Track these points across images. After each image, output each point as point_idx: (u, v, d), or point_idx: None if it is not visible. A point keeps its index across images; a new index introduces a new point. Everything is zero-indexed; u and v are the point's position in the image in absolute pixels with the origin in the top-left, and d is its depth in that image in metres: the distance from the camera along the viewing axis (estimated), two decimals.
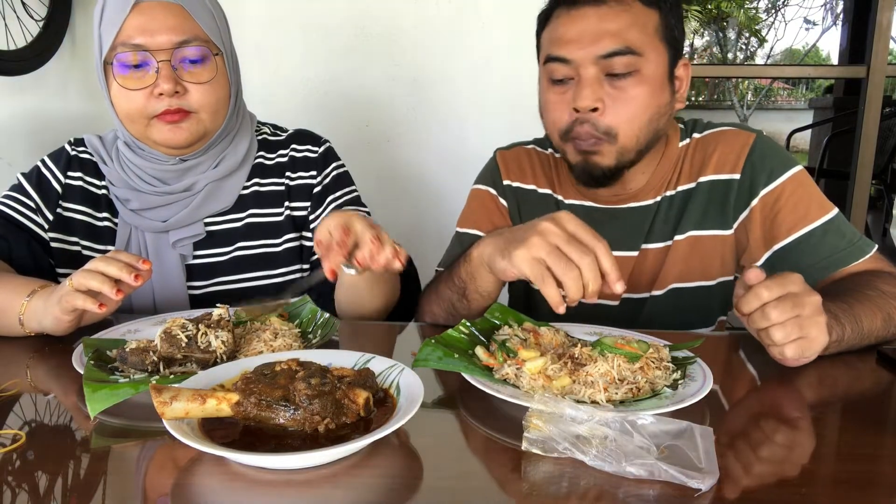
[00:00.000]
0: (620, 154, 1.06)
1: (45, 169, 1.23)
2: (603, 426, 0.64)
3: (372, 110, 2.17)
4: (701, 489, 0.57)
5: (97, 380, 0.77)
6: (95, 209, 1.22)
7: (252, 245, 1.23)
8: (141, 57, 1.07)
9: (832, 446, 0.71)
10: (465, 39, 2.09)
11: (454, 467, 0.65)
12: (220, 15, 1.18)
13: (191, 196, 1.19)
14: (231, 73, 1.18)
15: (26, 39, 2.02)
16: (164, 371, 0.83)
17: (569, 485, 0.59)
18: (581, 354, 0.80)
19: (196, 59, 1.10)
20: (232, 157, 1.22)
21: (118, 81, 1.10)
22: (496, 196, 1.27)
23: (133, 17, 1.07)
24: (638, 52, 1.01)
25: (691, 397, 0.72)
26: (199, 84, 1.11)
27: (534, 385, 0.77)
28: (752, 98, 18.96)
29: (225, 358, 0.85)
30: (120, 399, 0.73)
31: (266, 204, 1.25)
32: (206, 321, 0.87)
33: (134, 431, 0.72)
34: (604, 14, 1.01)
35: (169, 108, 1.09)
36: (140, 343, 0.86)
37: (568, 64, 1.04)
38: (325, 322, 1.01)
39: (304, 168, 1.27)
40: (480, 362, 0.84)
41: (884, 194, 4.78)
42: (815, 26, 20.33)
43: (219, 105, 1.15)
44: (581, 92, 1.03)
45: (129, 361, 0.84)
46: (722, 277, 1.17)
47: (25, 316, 0.98)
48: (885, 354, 0.92)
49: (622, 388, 0.75)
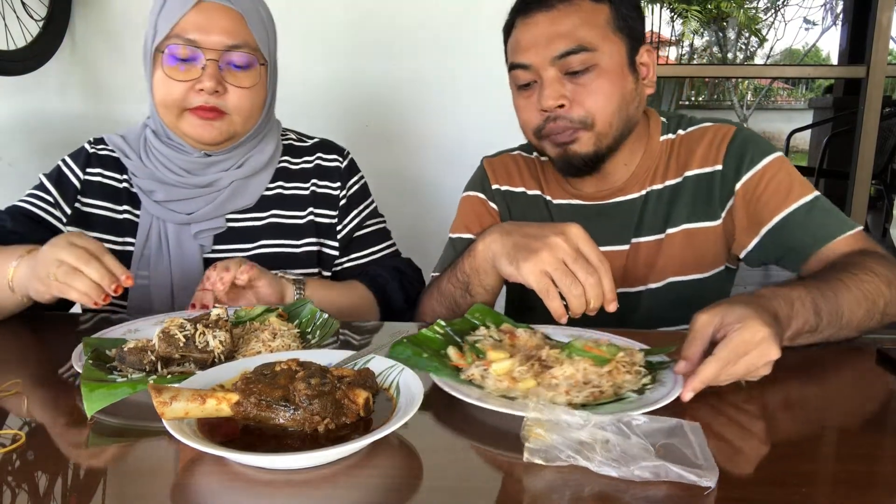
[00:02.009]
0: (598, 140, 1.10)
1: (64, 167, 1.26)
2: (600, 429, 0.63)
3: (372, 110, 2.17)
4: (710, 486, 0.57)
5: (95, 379, 0.76)
6: (115, 203, 1.24)
7: (273, 244, 1.27)
8: (191, 52, 1.12)
9: (832, 446, 0.71)
10: (465, 39, 2.09)
11: (454, 467, 0.65)
12: (272, 29, 1.23)
13: (216, 192, 1.22)
14: (270, 83, 1.22)
15: (26, 39, 2.02)
16: (162, 371, 0.83)
17: (571, 492, 0.59)
18: (549, 357, 0.80)
19: (242, 65, 1.15)
20: (257, 158, 1.25)
21: (164, 70, 1.13)
22: (486, 200, 1.30)
23: (192, 14, 1.11)
24: (591, 48, 1.05)
25: (654, 403, 0.71)
26: (239, 88, 1.15)
27: (499, 387, 0.77)
28: (751, 98, 18.97)
29: (223, 358, 0.85)
30: (117, 399, 0.73)
31: (289, 206, 1.29)
32: (205, 321, 0.87)
33: (133, 431, 0.72)
34: (554, 17, 1.07)
35: (205, 104, 1.13)
36: (139, 343, 0.86)
37: (528, 69, 1.09)
38: (325, 322, 1.01)
39: (329, 178, 1.32)
40: (451, 362, 0.85)
41: (884, 194, 4.79)
42: (815, 26, 20.36)
43: (253, 111, 1.19)
44: (544, 93, 1.08)
45: (128, 361, 0.84)
46: (714, 269, 1.18)
47: (14, 282, 0.99)
48: (885, 354, 0.92)
49: (584, 392, 0.74)
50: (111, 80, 2.19)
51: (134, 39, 2.17)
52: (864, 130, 2.40)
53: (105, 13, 2.15)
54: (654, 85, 1.15)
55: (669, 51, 20.20)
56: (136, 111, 2.18)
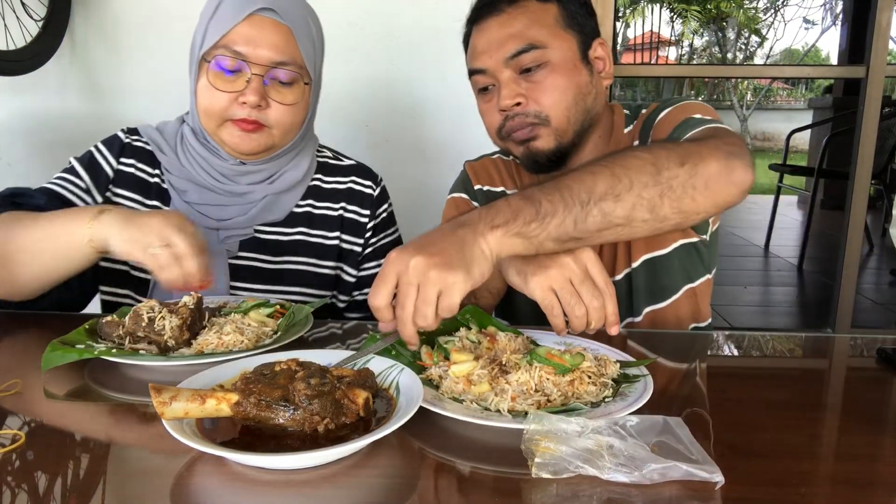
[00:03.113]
0: (558, 135, 1.13)
1: (97, 154, 1.24)
2: (599, 435, 0.63)
3: (371, 110, 2.17)
4: (721, 481, 0.57)
5: (67, 343, 0.88)
6: (145, 196, 1.23)
7: (298, 261, 1.27)
8: (238, 64, 1.11)
9: (832, 446, 0.71)
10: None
11: (454, 467, 0.65)
12: (320, 45, 1.23)
13: (248, 204, 1.23)
14: (312, 100, 1.23)
15: (26, 39, 2.02)
16: (127, 346, 0.90)
17: (572, 494, 0.59)
18: (508, 362, 0.80)
19: (286, 81, 1.14)
20: (291, 174, 1.25)
21: (209, 78, 1.12)
22: (469, 200, 1.35)
23: (243, 26, 1.11)
24: (541, 45, 1.09)
25: (602, 417, 0.68)
26: (281, 104, 1.15)
27: (454, 388, 0.77)
28: (751, 98, 18.98)
29: (174, 343, 0.90)
30: (66, 361, 0.84)
31: (317, 226, 1.29)
32: (171, 306, 0.93)
33: (133, 431, 0.72)
34: (503, 21, 1.11)
35: (247, 117, 1.13)
36: (114, 318, 0.96)
37: (485, 73, 1.13)
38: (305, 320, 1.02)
39: (359, 203, 1.32)
40: (418, 361, 0.85)
41: (883, 194, 4.79)
42: (815, 26, 20.36)
43: (292, 127, 1.19)
44: (501, 93, 1.11)
45: (103, 332, 0.93)
46: (682, 240, 1.18)
47: (95, 235, 0.97)
48: (885, 354, 0.92)
49: (529, 400, 0.73)
50: (111, 80, 2.19)
51: (133, 40, 2.19)
52: (863, 130, 2.40)
53: (105, 13, 2.15)
54: (611, 76, 1.18)
55: (669, 51, 20.21)
56: (135, 111, 2.20)
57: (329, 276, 1.29)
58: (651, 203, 0.81)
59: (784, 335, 1.15)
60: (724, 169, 0.83)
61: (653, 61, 18.35)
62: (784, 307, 4.12)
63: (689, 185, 0.82)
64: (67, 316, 1.15)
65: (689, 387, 0.87)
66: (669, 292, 1.19)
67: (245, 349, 0.90)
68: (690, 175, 0.82)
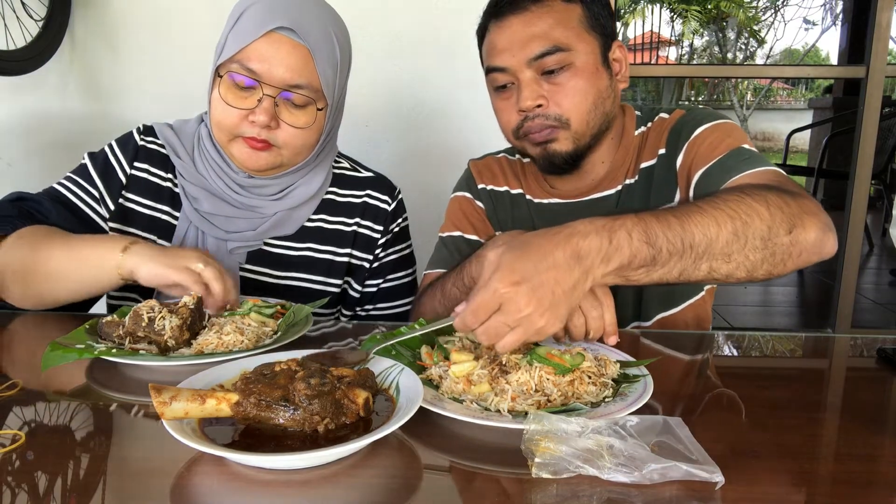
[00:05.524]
0: (576, 138, 1.12)
1: (112, 157, 1.22)
2: (597, 434, 0.63)
3: (372, 110, 2.17)
4: (721, 481, 0.57)
5: (68, 343, 0.88)
6: (156, 201, 1.22)
7: (303, 278, 1.25)
8: (251, 82, 1.09)
9: (832, 446, 0.71)
10: (464, 39, 2.08)
11: (454, 467, 0.65)
12: (345, 67, 1.19)
13: (259, 218, 1.21)
14: (328, 123, 1.18)
15: (26, 39, 2.02)
16: (127, 346, 0.90)
17: (572, 494, 0.59)
18: (508, 362, 0.80)
19: (299, 104, 1.12)
20: (303, 189, 1.23)
21: (221, 92, 1.11)
22: (472, 199, 1.33)
23: (260, 43, 1.07)
24: (566, 47, 1.07)
25: (602, 417, 0.68)
26: (292, 126, 1.12)
27: (454, 388, 0.77)
28: (751, 98, 18.97)
29: (174, 343, 0.90)
30: (66, 361, 0.84)
31: (328, 242, 1.27)
32: (171, 307, 0.93)
33: (133, 430, 0.72)
34: (528, 19, 1.08)
35: (256, 136, 1.11)
36: (115, 318, 0.96)
37: (505, 72, 1.11)
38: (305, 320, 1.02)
39: (373, 218, 1.29)
40: (419, 362, 0.86)
41: (883, 194, 4.79)
42: (815, 26, 20.35)
43: (303, 148, 1.16)
44: (522, 94, 1.10)
45: (103, 332, 0.93)
46: None
47: (124, 265, 0.99)
48: (885, 354, 0.92)
49: (529, 400, 0.74)
50: (111, 80, 2.19)
51: (134, 40, 2.19)
52: (863, 130, 2.40)
53: (105, 13, 2.15)
54: (627, 80, 1.17)
55: (669, 51, 20.21)
56: (135, 111, 2.20)
57: (335, 294, 1.28)
58: (752, 266, 0.80)
59: (784, 335, 1.15)
60: (819, 242, 0.82)
61: (653, 61, 18.35)
62: (784, 307, 4.12)
63: (787, 253, 0.81)
64: (67, 316, 1.15)
65: (690, 387, 0.87)
66: (681, 298, 1.19)
67: (245, 349, 0.90)
68: (793, 243, 0.80)
